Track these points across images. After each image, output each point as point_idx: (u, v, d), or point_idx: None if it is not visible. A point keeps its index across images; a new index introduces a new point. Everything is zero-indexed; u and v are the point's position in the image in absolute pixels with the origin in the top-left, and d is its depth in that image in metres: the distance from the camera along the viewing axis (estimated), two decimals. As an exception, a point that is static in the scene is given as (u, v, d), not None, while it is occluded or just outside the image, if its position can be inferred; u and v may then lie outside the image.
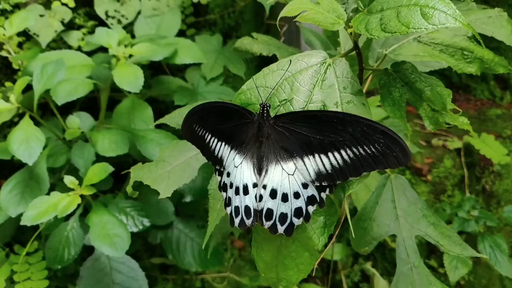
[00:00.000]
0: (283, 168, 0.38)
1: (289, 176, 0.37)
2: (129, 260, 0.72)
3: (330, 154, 0.36)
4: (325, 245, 0.40)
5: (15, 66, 0.84)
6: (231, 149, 0.39)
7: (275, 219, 0.37)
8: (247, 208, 0.38)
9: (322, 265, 0.97)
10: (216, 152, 0.40)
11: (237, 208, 0.38)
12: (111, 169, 0.66)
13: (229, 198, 0.39)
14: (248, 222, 0.38)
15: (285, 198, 0.37)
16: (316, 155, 0.36)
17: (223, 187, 0.40)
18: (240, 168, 0.39)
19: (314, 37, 0.64)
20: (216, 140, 0.40)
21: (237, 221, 0.38)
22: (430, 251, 0.94)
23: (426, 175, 0.95)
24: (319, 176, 0.36)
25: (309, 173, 0.37)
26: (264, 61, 0.96)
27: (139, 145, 0.71)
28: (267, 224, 0.37)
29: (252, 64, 1.04)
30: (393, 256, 0.52)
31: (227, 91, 0.88)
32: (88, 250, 0.73)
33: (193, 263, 0.78)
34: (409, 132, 0.43)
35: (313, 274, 0.41)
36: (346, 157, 0.35)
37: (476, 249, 0.82)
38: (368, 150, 0.34)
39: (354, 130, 0.34)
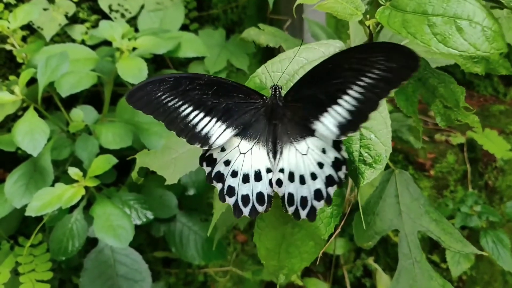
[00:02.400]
0: (296, 149, 0.37)
1: (303, 156, 0.36)
2: (132, 252, 0.72)
3: (340, 101, 0.34)
4: (330, 236, 0.40)
5: (19, 60, 0.84)
6: (232, 135, 0.38)
7: (296, 204, 0.36)
8: (260, 194, 0.37)
9: (324, 260, 0.97)
10: (209, 136, 0.38)
11: (246, 197, 0.37)
12: (115, 160, 0.66)
13: (232, 188, 0.37)
14: (262, 208, 0.36)
15: (302, 180, 0.36)
16: (329, 109, 0.35)
17: (217, 178, 0.38)
18: (249, 154, 0.38)
19: (320, 29, 0.63)
20: (211, 122, 0.38)
21: (246, 210, 0.37)
22: (432, 246, 0.94)
23: (429, 170, 0.95)
24: (341, 127, 0.34)
25: (331, 130, 0.35)
26: (268, 55, 0.96)
27: (143, 138, 0.71)
28: (290, 209, 0.36)
29: (255, 59, 1.04)
30: (396, 251, 0.52)
31: (231, 85, 0.88)
32: (91, 243, 0.73)
33: (196, 256, 0.79)
34: (421, 128, 0.43)
35: (317, 263, 0.41)
36: (356, 94, 0.33)
37: (478, 244, 0.82)
38: (373, 75, 0.32)
39: (349, 62, 0.32)
